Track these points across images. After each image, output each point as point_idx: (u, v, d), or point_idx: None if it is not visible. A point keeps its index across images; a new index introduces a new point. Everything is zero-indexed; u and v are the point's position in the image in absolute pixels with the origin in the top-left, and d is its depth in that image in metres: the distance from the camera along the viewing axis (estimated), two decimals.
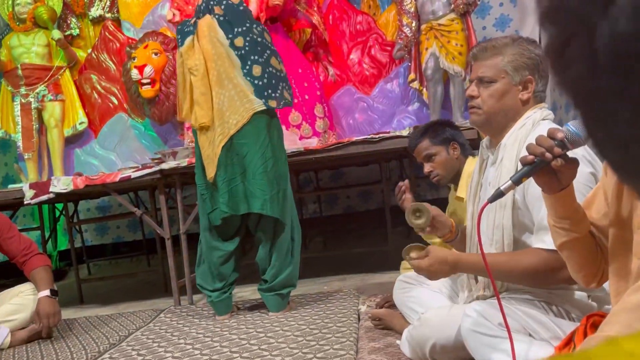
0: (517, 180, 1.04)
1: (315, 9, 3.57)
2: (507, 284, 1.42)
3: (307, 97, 3.40)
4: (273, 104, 2.37)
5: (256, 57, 2.36)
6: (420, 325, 1.54)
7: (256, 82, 2.35)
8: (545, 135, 0.98)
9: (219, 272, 2.47)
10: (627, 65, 0.28)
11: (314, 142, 3.21)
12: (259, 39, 2.40)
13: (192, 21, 2.44)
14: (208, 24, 2.37)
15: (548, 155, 0.96)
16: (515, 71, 1.39)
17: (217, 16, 2.38)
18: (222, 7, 2.39)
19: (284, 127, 3.28)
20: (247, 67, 2.35)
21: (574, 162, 0.99)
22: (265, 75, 2.37)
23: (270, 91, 2.37)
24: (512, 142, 1.39)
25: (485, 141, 1.53)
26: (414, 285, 1.89)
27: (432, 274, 1.38)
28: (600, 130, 0.32)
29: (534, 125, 1.38)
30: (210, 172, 2.38)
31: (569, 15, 0.31)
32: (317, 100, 3.42)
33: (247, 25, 2.39)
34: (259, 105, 2.34)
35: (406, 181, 1.98)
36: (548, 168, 0.98)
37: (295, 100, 3.38)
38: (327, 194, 4.74)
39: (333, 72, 3.71)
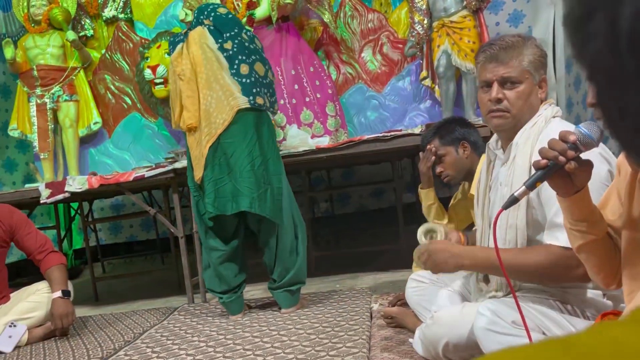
0: (530, 186, 1.02)
1: (326, 7, 3.57)
2: (519, 283, 1.41)
3: (318, 95, 3.40)
4: (260, 101, 2.40)
5: (243, 57, 2.41)
6: (433, 323, 1.53)
7: (244, 80, 2.39)
8: (557, 138, 0.97)
9: (220, 273, 2.48)
10: None
11: (325, 141, 3.21)
12: (247, 44, 2.45)
13: (184, 32, 2.52)
14: (199, 32, 2.44)
15: (561, 158, 0.95)
16: (536, 71, 1.38)
17: (207, 26, 2.46)
18: (211, 18, 2.47)
19: (295, 126, 3.29)
20: (235, 67, 2.40)
21: (588, 164, 0.97)
22: (252, 75, 2.41)
23: (258, 89, 2.40)
24: (524, 140, 1.38)
25: (492, 142, 1.52)
26: (427, 283, 1.88)
27: (437, 265, 1.38)
28: (614, 107, 0.32)
29: (546, 122, 1.37)
30: (198, 173, 2.40)
31: None
32: (328, 99, 3.42)
33: (236, 30, 2.45)
34: (244, 102, 2.36)
35: (433, 147, 2.06)
36: (562, 171, 0.97)
37: (308, 99, 3.39)
38: (339, 193, 4.73)
39: (345, 70, 3.70)
